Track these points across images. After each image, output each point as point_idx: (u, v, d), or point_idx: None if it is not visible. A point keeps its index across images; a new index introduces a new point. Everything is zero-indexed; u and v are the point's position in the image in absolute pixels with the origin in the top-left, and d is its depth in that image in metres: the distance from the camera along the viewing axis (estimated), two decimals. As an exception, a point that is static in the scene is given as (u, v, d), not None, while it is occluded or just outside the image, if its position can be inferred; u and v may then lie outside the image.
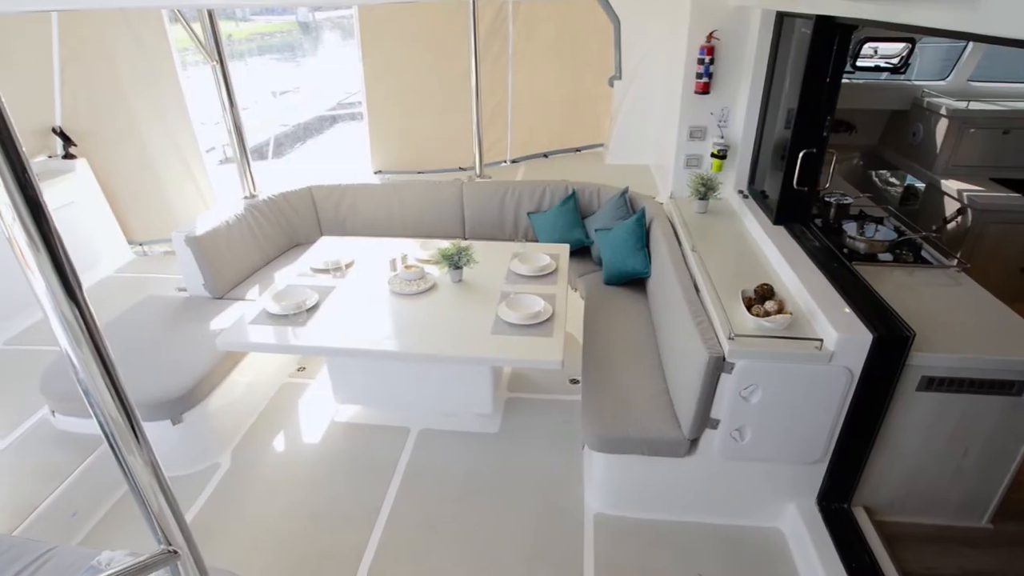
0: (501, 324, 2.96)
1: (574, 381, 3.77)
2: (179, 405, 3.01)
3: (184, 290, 3.94)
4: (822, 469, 2.58)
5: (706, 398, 2.45)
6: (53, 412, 3.15)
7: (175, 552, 1.20)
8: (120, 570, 1.15)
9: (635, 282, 3.82)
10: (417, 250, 3.72)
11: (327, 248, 3.86)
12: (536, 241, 4.27)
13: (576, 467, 3.13)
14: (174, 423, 3.01)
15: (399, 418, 3.45)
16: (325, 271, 3.52)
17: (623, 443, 2.62)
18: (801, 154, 2.96)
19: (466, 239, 4.44)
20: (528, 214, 4.41)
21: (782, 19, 3.26)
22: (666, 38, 4.50)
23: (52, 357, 3.36)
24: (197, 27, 3.80)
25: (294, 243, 4.50)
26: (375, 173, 5.23)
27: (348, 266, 3.58)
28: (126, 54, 4.57)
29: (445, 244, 3.46)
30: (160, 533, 1.18)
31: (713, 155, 3.81)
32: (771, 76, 3.42)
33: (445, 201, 4.45)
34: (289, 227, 4.44)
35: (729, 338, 2.34)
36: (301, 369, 3.94)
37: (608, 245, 3.85)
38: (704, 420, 2.52)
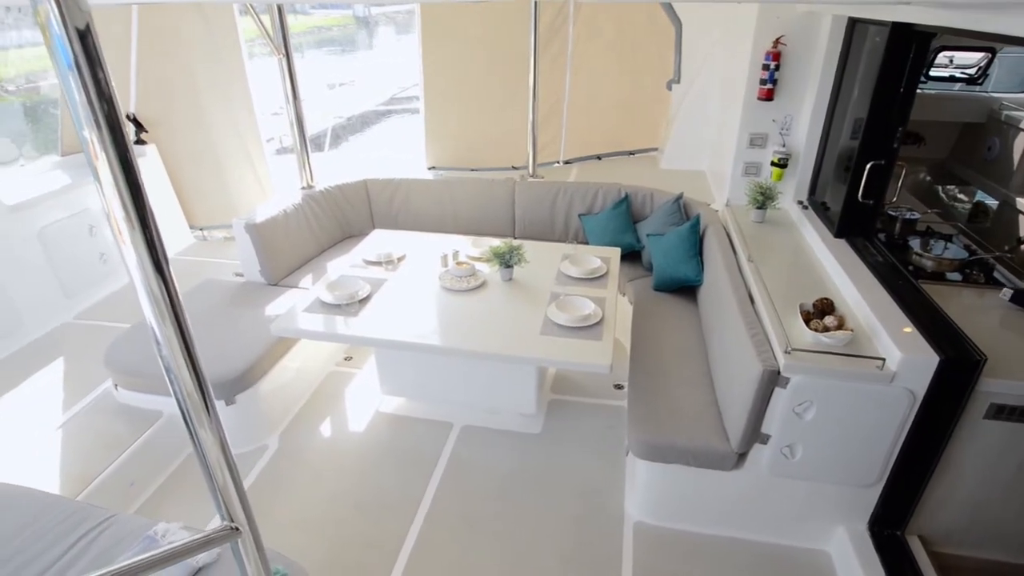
0: (550, 325, 2.95)
1: (618, 386, 3.74)
2: (233, 386, 3.10)
3: (241, 275, 4.07)
4: (876, 493, 2.49)
5: (757, 412, 2.39)
6: (116, 385, 3.29)
7: (237, 529, 1.23)
8: (184, 543, 1.19)
9: (685, 289, 3.76)
10: (468, 247, 3.75)
11: (379, 241, 3.93)
12: (586, 243, 4.25)
13: (618, 473, 3.10)
14: (227, 403, 3.11)
15: (442, 413, 3.48)
16: (377, 264, 3.58)
17: (669, 452, 2.59)
18: (868, 166, 2.87)
19: (516, 238, 4.45)
20: (579, 216, 4.39)
21: (854, 25, 3.15)
22: (729, 42, 4.42)
23: (117, 333, 3.51)
24: (266, 20, 3.92)
25: (347, 234, 4.59)
26: (429, 169, 5.29)
27: (400, 260, 3.63)
28: (198, 45, 4.75)
29: (496, 242, 3.47)
30: (224, 509, 1.22)
31: (773, 163, 3.72)
32: (839, 84, 3.31)
33: (497, 199, 4.47)
34: (343, 218, 4.54)
35: (785, 352, 2.28)
36: (348, 358, 4.02)
37: (660, 251, 3.80)
38: (754, 434, 2.46)
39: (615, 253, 3.78)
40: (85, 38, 0.78)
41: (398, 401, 3.57)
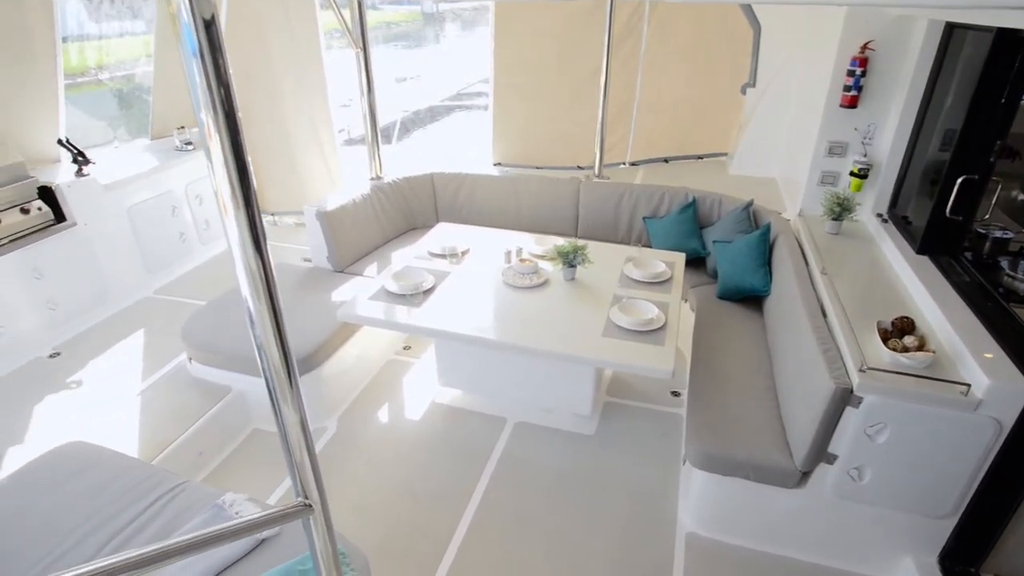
0: (612, 327, 2.93)
1: (675, 394, 3.68)
2: (300, 366, 3.21)
3: (309, 260, 4.21)
4: (950, 525, 2.36)
5: (825, 430, 2.31)
6: (190, 359, 3.46)
7: (310, 506, 1.27)
8: (262, 516, 1.24)
9: (750, 299, 3.66)
10: (532, 245, 3.75)
11: (444, 234, 3.98)
12: (649, 247, 4.19)
13: (672, 481, 3.05)
14: (293, 384, 3.21)
15: (497, 408, 3.51)
16: (442, 256, 3.63)
17: (728, 464, 2.52)
18: (960, 180, 2.71)
19: (577, 238, 4.43)
20: (644, 219, 4.33)
21: (951, 31, 2.99)
22: (810, 46, 4.26)
23: (192, 310, 3.69)
24: (346, 14, 4.02)
25: (411, 226, 4.67)
26: (494, 165, 5.33)
27: (464, 253, 3.68)
28: (279, 36, 4.92)
29: (560, 241, 3.46)
30: (299, 486, 1.26)
31: (852, 174, 3.56)
32: (930, 92, 3.15)
33: (561, 198, 4.46)
34: (408, 210, 4.62)
35: (860, 370, 2.19)
36: (407, 348, 4.10)
37: (726, 258, 3.71)
38: (820, 453, 2.37)
39: (679, 258, 3.72)
40: (210, 27, 0.82)
41: (454, 393, 3.62)
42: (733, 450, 2.53)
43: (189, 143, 4.85)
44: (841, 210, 3.43)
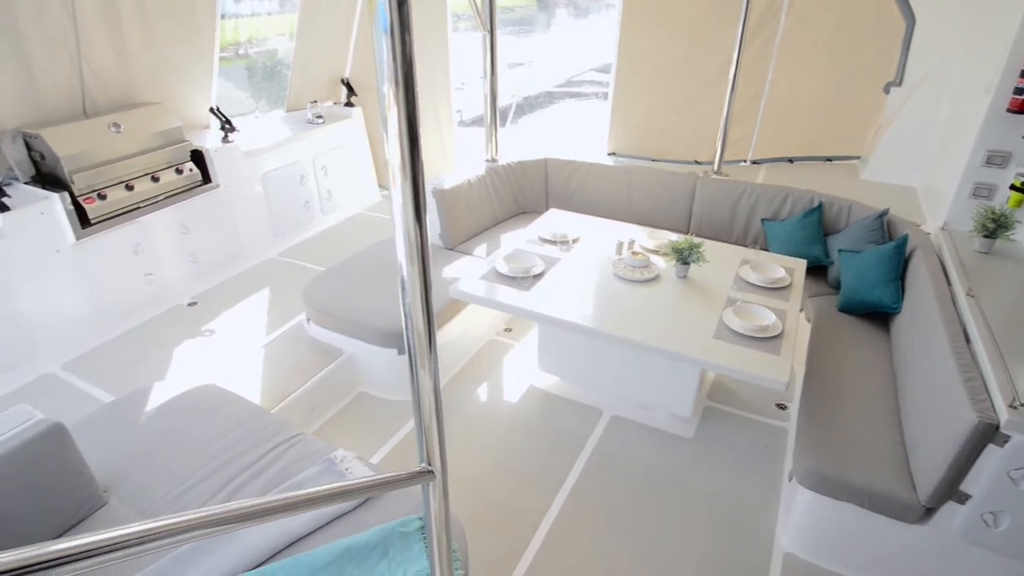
0: (725, 330, 2.83)
1: (781, 406, 3.50)
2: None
3: (422, 236, 4.35)
4: (1100, 590, 2.11)
5: (959, 467, 2.11)
6: (308, 319, 3.68)
7: (432, 472, 1.32)
8: (387, 477, 1.30)
9: (875, 315, 3.40)
10: (644, 238, 3.68)
11: (556, 220, 3.99)
12: (766, 250, 4.00)
13: (771, 496, 2.92)
14: (400, 353, 3.36)
15: (594, 399, 3.49)
16: (552, 242, 3.64)
17: (840, 487, 2.38)
18: None
19: (688, 234, 4.30)
20: (762, 220, 4.13)
21: None
22: (973, 44, 3.86)
23: (312, 274, 3.93)
24: (477, -3, 4.09)
25: (521, 210, 4.72)
26: (608, 154, 5.26)
27: (574, 241, 3.67)
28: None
29: (674, 236, 3.37)
30: (424, 452, 1.31)
31: (1014, 187, 3.21)
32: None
33: (676, 193, 4.34)
34: (520, 194, 4.66)
35: (1011, 406, 1.98)
36: (508, 330, 4.16)
37: (853, 269, 3.47)
38: (950, 491, 2.18)
39: (800, 265, 3.52)
40: (403, 6, 0.86)
41: (552, 379, 3.64)
42: (847, 473, 2.37)
43: (320, 116, 5.13)
44: (996, 227, 3.10)
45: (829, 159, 5.14)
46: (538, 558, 2.62)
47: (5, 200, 3.22)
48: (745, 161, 5.16)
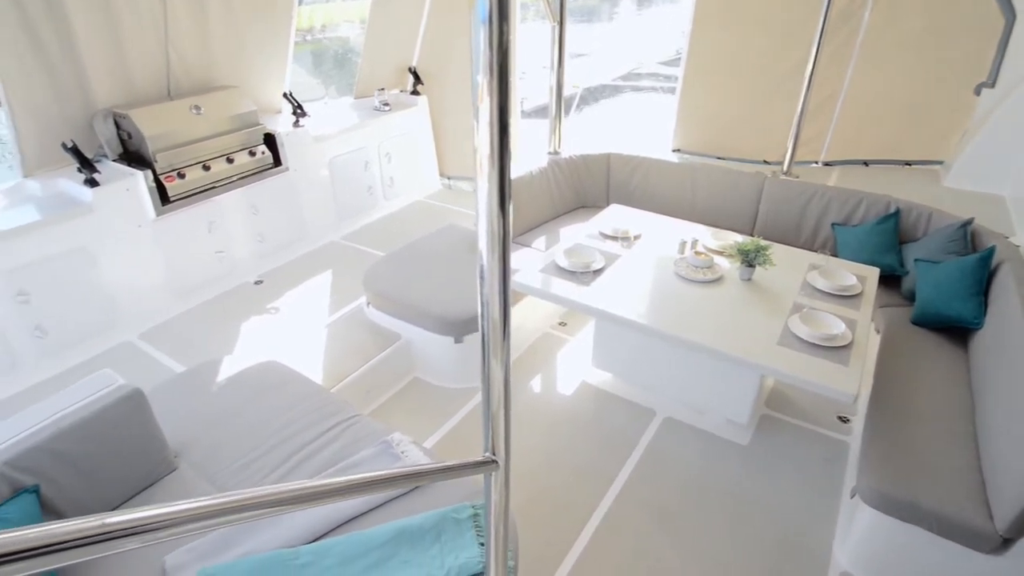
0: (790, 337, 2.74)
1: (843, 419, 3.37)
2: (463, 327, 3.38)
3: (481, 226, 4.37)
4: None
5: (1044, 496, 1.99)
6: (368, 303, 3.76)
7: (495, 462, 1.33)
8: (450, 464, 1.32)
9: (953, 330, 3.23)
10: (708, 238, 3.60)
11: (617, 216, 3.94)
12: (835, 256, 3.84)
13: (829, 512, 2.82)
14: (456, 342, 3.40)
15: (647, 398, 3.45)
16: (613, 238, 3.60)
17: (908, 509, 2.27)
18: None
19: (753, 236, 4.18)
20: (833, 225, 3.97)
21: None
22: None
23: (372, 258, 4.01)
24: (547, -13, 4.06)
25: (581, 204, 4.68)
26: (673, 151, 5.15)
27: (636, 238, 3.62)
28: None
29: (739, 237, 3.28)
30: (490, 440, 1.32)
31: (1119, 201, 2.98)
32: None
33: (742, 193, 4.21)
34: (580, 187, 4.63)
35: (1107, 437, 1.85)
36: (563, 324, 4.15)
37: (930, 281, 3.30)
38: (1031, 520, 2.05)
39: (872, 273, 3.37)
40: (502, -3, 0.86)
41: (605, 376, 3.61)
42: (917, 495, 2.27)
43: (387, 104, 5.21)
44: (1096, 243, 2.89)
45: (908, 163, 4.88)
46: (585, 555, 2.61)
47: (96, 176, 3.42)
48: (816, 162, 4.96)
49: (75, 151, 3.35)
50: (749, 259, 3.11)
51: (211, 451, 2.49)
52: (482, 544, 2.02)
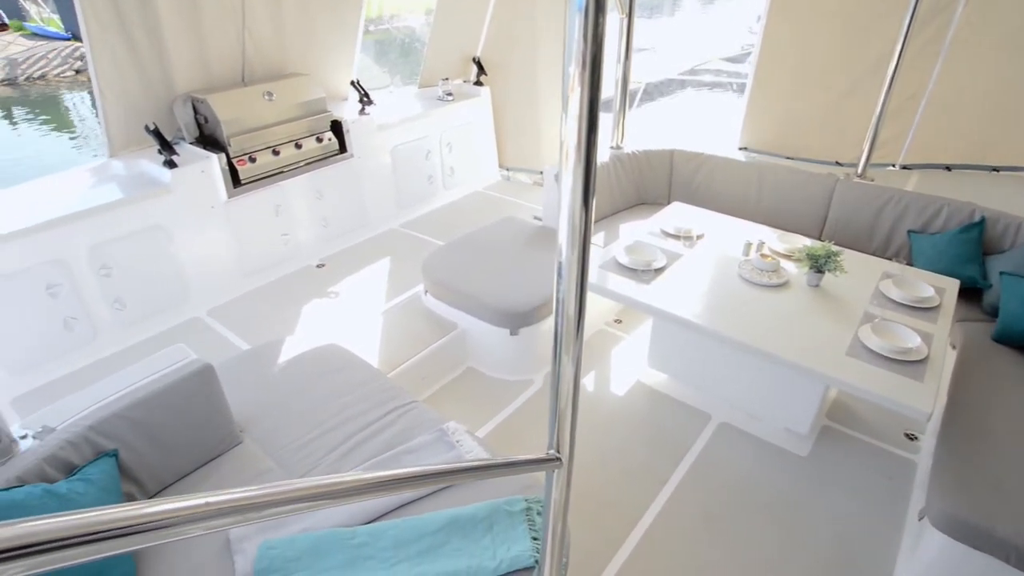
0: (860, 348, 2.62)
1: (910, 436, 3.22)
2: (519, 319, 3.38)
3: (539, 219, 4.36)
4: None
5: None
6: (425, 291, 3.81)
7: (559, 459, 1.33)
8: (514, 460, 1.32)
9: (1040, 350, 3.03)
10: (774, 240, 3.48)
11: (679, 214, 3.86)
12: (911, 265, 3.66)
13: (892, 534, 2.70)
14: (511, 334, 3.40)
15: (703, 402, 3.38)
16: (675, 237, 3.53)
17: (982, 537, 2.15)
18: None
19: (821, 240, 4.02)
20: (909, 232, 3.78)
21: None
22: None
23: (431, 247, 4.05)
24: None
25: (641, 200, 4.60)
26: (739, 149, 5.00)
27: (699, 237, 3.53)
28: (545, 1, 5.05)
29: (807, 241, 3.15)
30: (555, 438, 1.31)
31: None
32: None
33: (811, 195, 4.06)
34: (642, 183, 4.55)
35: None
36: (618, 321, 4.10)
37: (1017, 296, 3.10)
38: (1122, 559, 1.91)
39: (952, 285, 3.19)
40: (602, -14, 0.84)
41: (661, 377, 3.55)
42: (993, 522, 2.14)
43: (450, 94, 5.24)
44: None
45: (996, 169, 4.59)
46: (634, 555, 2.59)
47: (174, 158, 3.57)
48: (894, 165, 4.72)
49: (156, 133, 3.51)
50: (819, 265, 2.99)
51: (273, 428, 2.58)
52: (535, 538, 2.02)
